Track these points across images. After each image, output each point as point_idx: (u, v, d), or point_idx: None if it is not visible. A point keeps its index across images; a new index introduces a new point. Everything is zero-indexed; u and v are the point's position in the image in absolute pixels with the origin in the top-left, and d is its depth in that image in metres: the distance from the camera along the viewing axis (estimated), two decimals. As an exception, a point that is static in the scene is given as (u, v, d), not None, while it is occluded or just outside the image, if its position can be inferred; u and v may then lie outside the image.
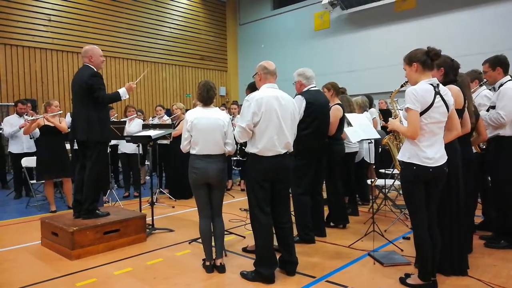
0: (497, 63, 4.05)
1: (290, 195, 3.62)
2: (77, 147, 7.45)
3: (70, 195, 6.23)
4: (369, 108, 6.76)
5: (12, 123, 7.17)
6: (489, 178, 4.28)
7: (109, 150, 5.74)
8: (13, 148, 7.16)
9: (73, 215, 4.40)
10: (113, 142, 6.73)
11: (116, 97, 4.42)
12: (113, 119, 7.31)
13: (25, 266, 3.86)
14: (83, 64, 4.38)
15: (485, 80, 4.34)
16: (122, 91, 4.44)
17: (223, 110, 6.10)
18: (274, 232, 3.39)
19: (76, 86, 4.31)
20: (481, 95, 4.43)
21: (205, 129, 3.48)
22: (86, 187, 4.27)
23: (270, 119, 3.21)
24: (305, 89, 4.27)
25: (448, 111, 2.94)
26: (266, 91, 3.31)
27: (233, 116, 7.67)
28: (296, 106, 3.53)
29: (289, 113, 3.33)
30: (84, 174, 4.31)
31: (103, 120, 4.35)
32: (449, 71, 3.34)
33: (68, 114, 8.68)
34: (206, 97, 3.60)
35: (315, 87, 4.35)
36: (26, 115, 7.23)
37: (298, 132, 3.62)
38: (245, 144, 3.47)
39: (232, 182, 8.01)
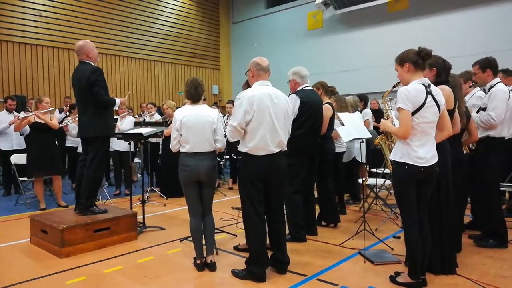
0: (487, 65, 4.09)
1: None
2: (69, 145, 7.51)
3: (60, 193, 6.19)
4: (364, 108, 6.80)
5: (1, 119, 7.07)
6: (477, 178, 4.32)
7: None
8: (3, 145, 7.06)
9: (74, 210, 4.49)
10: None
11: (112, 104, 4.39)
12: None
13: (14, 264, 3.81)
14: (80, 61, 4.32)
15: (474, 82, 4.38)
16: (118, 102, 4.43)
17: (215, 108, 6.07)
18: (266, 231, 3.38)
19: (79, 84, 4.26)
20: (475, 96, 4.47)
21: (194, 127, 3.45)
22: (84, 182, 4.29)
23: (262, 117, 3.18)
24: (299, 88, 4.27)
25: (439, 111, 2.96)
26: (258, 88, 3.28)
27: (227, 116, 7.64)
28: (290, 103, 3.51)
29: (282, 111, 3.29)
30: (84, 169, 4.35)
31: (110, 115, 4.39)
32: (441, 72, 3.37)
33: (57, 111, 8.62)
34: (194, 94, 3.57)
35: (309, 86, 4.36)
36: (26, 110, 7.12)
37: (292, 132, 3.59)
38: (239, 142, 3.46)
39: (219, 182, 7.90)
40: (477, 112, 4.14)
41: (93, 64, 4.28)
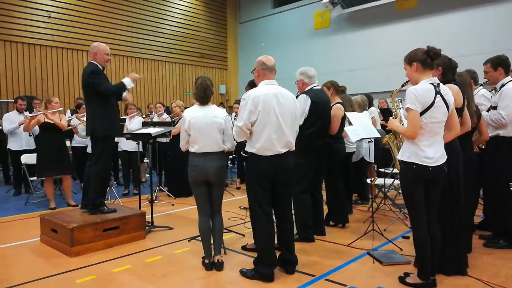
0: (499, 63, 4.04)
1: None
2: (75, 144, 7.57)
3: (70, 192, 6.24)
4: (369, 107, 6.76)
5: (11, 119, 7.15)
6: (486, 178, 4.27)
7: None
8: (13, 145, 7.14)
9: (80, 209, 4.57)
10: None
11: (121, 87, 4.43)
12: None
13: (25, 263, 3.85)
14: (89, 61, 4.44)
15: (486, 80, 4.34)
16: (127, 80, 4.43)
17: (222, 108, 6.08)
18: (275, 231, 3.38)
19: (82, 84, 4.44)
20: (478, 94, 4.44)
21: (203, 128, 3.46)
22: (92, 181, 4.34)
23: (268, 118, 3.16)
24: (308, 88, 4.25)
25: (448, 110, 2.94)
26: (264, 88, 3.26)
27: (234, 115, 7.66)
28: (297, 103, 3.48)
29: (289, 111, 3.26)
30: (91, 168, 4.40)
31: (109, 114, 4.37)
32: (447, 71, 3.34)
33: (68, 111, 8.70)
34: (203, 96, 3.56)
35: (317, 86, 4.34)
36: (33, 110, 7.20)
37: (301, 131, 3.57)
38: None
39: (227, 182, 7.90)
40: (488, 111, 4.10)
41: (98, 65, 4.33)
